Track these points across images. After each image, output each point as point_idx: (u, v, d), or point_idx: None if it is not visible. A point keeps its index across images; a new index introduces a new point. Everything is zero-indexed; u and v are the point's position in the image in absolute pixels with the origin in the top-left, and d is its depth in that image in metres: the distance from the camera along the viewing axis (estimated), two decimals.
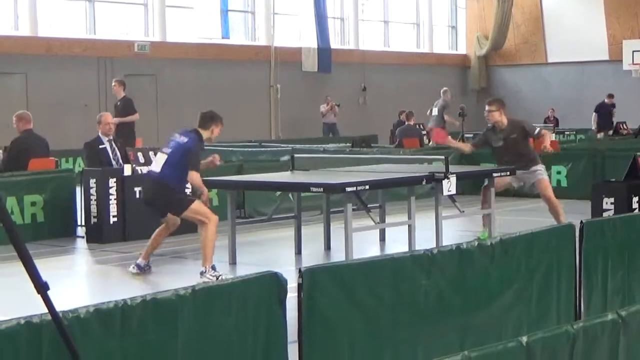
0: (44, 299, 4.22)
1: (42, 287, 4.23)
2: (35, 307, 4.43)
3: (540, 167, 12.65)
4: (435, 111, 26.52)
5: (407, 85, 34.64)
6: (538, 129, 12.88)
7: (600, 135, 28.46)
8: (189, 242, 13.01)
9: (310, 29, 32.23)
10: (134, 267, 10.70)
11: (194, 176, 10.38)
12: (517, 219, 13.45)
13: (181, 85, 28.68)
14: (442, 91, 27.28)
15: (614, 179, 12.57)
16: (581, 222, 7.18)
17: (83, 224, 13.40)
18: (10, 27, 26.05)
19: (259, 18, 31.78)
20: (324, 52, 32.21)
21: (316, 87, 32.25)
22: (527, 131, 12.68)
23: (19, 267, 4.27)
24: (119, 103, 19.28)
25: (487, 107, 12.74)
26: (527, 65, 37.81)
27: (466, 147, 13.63)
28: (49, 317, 4.28)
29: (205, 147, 21.91)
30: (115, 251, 12.36)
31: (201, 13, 30.03)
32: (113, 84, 19.13)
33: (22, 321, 4.28)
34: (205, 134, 10.54)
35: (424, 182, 11.52)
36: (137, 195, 13.14)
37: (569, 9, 36.57)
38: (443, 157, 12.18)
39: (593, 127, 29.84)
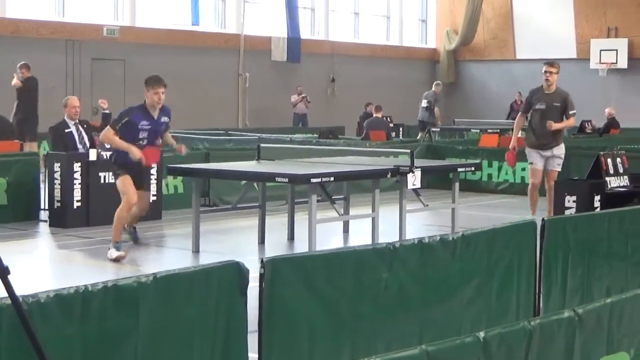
0: (4, 283, 4.21)
1: (2, 271, 4.21)
2: None
3: (562, 154, 12.96)
4: (424, 103, 26.60)
5: (376, 77, 34.68)
6: (574, 111, 13.08)
7: None
8: (152, 229, 13.00)
9: (281, 18, 32.19)
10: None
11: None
12: (480, 214, 13.54)
13: (150, 70, 28.25)
14: (434, 84, 27.42)
15: (577, 177, 12.68)
16: (543, 219, 7.24)
17: (47, 207, 13.34)
18: None
19: (229, 5, 31.70)
20: (294, 42, 32.18)
21: (285, 77, 32.23)
22: (567, 103, 12.98)
23: None
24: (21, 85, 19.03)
25: (546, 68, 13.17)
26: (496, 61, 37.96)
27: (520, 126, 13.72)
28: (9, 301, 4.27)
29: (175, 134, 21.90)
30: (78, 236, 12.31)
31: None
32: (21, 69, 19.00)
33: None
34: None
35: (388, 175, 11.57)
36: (102, 180, 13.12)
37: (539, 6, 36.75)
38: (409, 150, 12.23)
39: None
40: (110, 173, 13.26)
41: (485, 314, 6.75)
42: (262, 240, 11.96)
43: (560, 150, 13.05)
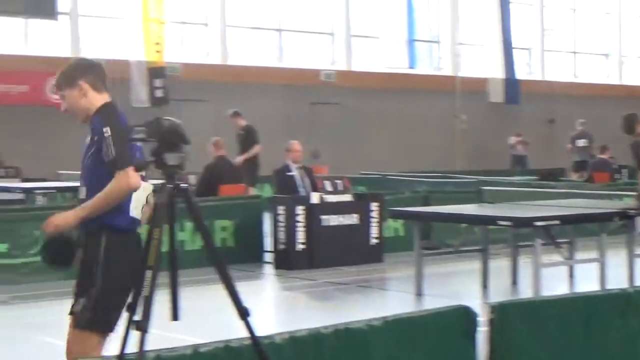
0: (245, 324, 4.36)
1: (243, 312, 4.38)
2: (227, 330, 4.55)
3: None
4: (583, 142, 26.00)
5: (596, 117, 33.82)
6: None
7: None
8: (374, 272, 13.07)
9: (496, 59, 32.00)
10: None
11: None
12: None
13: (365, 113, 28.92)
14: (580, 122, 26.77)
15: None
16: None
17: (271, 249, 13.58)
18: (204, 55, 27.00)
19: (444, 47, 31.81)
20: (511, 83, 31.92)
21: (502, 118, 31.96)
22: None
23: (213, 291, 4.41)
24: (242, 132, 18.73)
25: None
26: None
27: None
28: (247, 342, 4.40)
29: (394, 177, 21.81)
30: (302, 278, 12.46)
31: (387, 42, 30.24)
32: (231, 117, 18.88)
33: (222, 345, 4.41)
34: None
35: (615, 219, 11.19)
36: (324, 223, 13.32)
37: None
38: (635, 193, 11.85)
39: None
40: (332, 215, 13.49)
41: None
42: (485, 284, 11.80)
43: None
